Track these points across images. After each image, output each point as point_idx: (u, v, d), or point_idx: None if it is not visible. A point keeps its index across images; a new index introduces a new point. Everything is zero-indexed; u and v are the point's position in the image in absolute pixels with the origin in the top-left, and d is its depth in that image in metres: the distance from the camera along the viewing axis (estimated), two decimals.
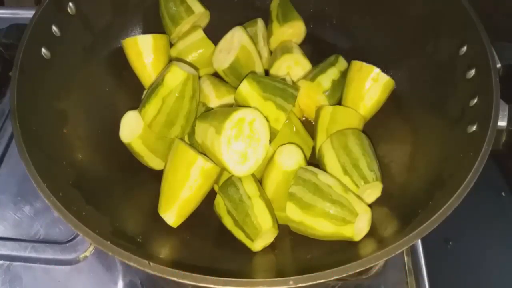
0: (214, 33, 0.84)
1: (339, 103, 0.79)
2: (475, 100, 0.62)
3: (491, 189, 0.81)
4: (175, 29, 0.85)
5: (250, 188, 0.66)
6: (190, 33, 0.84)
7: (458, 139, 0.62)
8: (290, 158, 0.67)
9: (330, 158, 0.69)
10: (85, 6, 0.75)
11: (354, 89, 0.76)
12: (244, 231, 0.63)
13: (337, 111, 0.73)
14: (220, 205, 0.67)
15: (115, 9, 0.82)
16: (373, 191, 0.68)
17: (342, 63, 0.81)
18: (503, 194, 0.81)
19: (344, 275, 0.48)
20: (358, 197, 0.63)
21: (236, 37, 0.79)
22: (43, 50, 0.67)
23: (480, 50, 0.63)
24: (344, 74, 0.79)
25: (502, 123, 0.64)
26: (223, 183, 0.68)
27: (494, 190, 0.81)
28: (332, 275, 0.48)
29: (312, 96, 0.78)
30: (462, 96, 0.65)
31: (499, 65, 0.68)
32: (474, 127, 0.60)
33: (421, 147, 0.70)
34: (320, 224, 0.61)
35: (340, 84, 0.79)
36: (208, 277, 0.48)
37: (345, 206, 0.60)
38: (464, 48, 0.66)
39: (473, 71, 0.64)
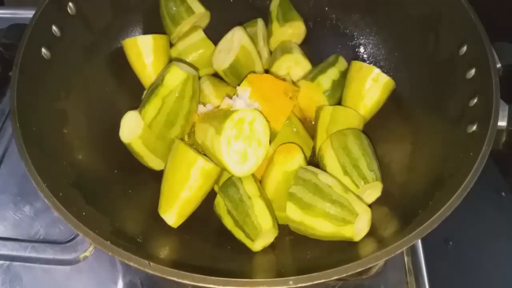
0: (214, 33, 0.84)
1: (339, 103, 0.79)
2: (475, 100, 0.62)
3: (491, 189, 0.81)
4: (176, 29, 0.85)
5: (250, 188, 0.66)
6: (190, 34, 0.84)
7: (458, 139, 0.62)
8: (290, 158, 0.67)
9: (330, 158, 0.69)
10: (85, 6, 0.75)
11: (354, 89, 0.76)
12: (244, 231, 0.63)
13: (337, 111, 0.73)
14: (220, 205, 0.67)
15: (115, 9, 0.81)
16: (373, 191, 0.68)
17: (342, 63, 0.81)
18: (503, 194, 0.81)
19: (344, 275, 0.48)
20: (358, 197, 0.63)
21: (236, 37, 0.79)
22: (43, 50, 0.67)
23: (480, 50, 0.63)
24: (344, 74, 0.79)
25: (502, 123, 0.64)
26: (223, 183, 0.68)
27: (494, 190, 0.81)
28: (332, 275, 0.48)
29: (312, 96, 0.78)
30: (462, 96, 0.64)
31: (499, 65, 0.68)
32: (474, 127, 0.60)
33: (421, 147, 0.70)
34: (320, 224, 0.61)
35: (340, 84, 0.79)
36: (208, 277, 0.48)
37: (345, 206, 0.60)
38: (464, 48, 0.66)
39: (473, 71, 0.64)
